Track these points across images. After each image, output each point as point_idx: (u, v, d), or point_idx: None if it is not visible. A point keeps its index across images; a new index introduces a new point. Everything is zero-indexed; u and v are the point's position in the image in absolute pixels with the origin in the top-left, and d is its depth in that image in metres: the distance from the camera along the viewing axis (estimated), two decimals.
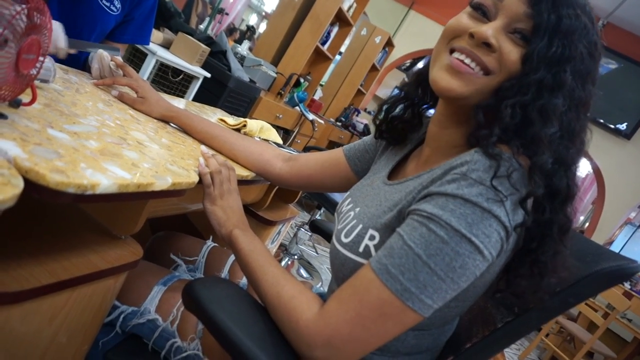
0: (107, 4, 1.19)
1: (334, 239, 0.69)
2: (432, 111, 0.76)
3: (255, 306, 0.64)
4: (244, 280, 0.97)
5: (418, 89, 0.76)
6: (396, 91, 6.78)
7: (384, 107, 0.81)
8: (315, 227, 1.27)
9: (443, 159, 0.66)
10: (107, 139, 0.68)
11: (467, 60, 0.59)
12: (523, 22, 0.58)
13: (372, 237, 0.62)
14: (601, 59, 0.61)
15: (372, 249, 0.61)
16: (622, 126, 5.26)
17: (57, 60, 0.88)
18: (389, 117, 0.80)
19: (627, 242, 6.52)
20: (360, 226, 0.65)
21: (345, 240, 0.65)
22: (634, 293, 4.41)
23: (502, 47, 0.58)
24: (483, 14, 0.61)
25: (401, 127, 0.79)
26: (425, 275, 0.52)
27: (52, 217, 0.71)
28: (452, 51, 0.61)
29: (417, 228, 0.54)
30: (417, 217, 0.55)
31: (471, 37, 0.59)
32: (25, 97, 0.59)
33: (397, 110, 0.79)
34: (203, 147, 0.88)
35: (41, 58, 0.56)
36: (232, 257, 1.02)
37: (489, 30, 0.58)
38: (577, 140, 0.60)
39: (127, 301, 0.79)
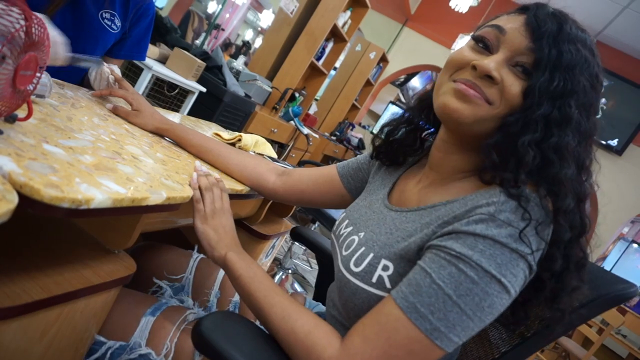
0: (109, 23, 1.21)
1: (341, 266, 0.67)
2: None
3: (268, 341, 0.62)
4: (235, 299, 0.95)
5: (421, 114, 0.77)
6: (391, 106, 6.84)
7: (386, 129, 0.81)
8: (297, 235, 1.23)
9: (450, 183, 0.67)
10: (102, 153, 0.69)
11: (471, 92, 0.60)
12: (525, 56, 0.59)
13: (385, 268, 0.61)
14: (602, 89, 0.62)
15: (387, 280, 0.61)
16: (614, 142, 5.33)
17: (56, 75, 0.89)
18: (390, 139, 0.80)
19: (620, 257, 6.55)
20: (372, 255, 0.64)
21: (356, 270, 0.64)
22: (628, 309, 4.42)
23: (504, 79, 0.59)
24: (485, 47, 0.62)
25: (402, 150, 0.80)
26: (455, 315, 0.52)
27: (45, 231, 0.70)
28: (454, 82, 0.62)
29: (445, 267, 0.54)
30: (445, 255, 0.55)
31: (474, 69, 0.60)
32: (21, 113, 0.59)
33: (399, 133, 0.80)
34: (197, 163, 0.87)
35: (38, 74, 0.56)
36: (222, 273, 0.99)
37: (491, 63, 0.59)
38: (586, 174, 0.60)
39: (113, 336, 0.74)
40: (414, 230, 0.62)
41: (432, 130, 0.79)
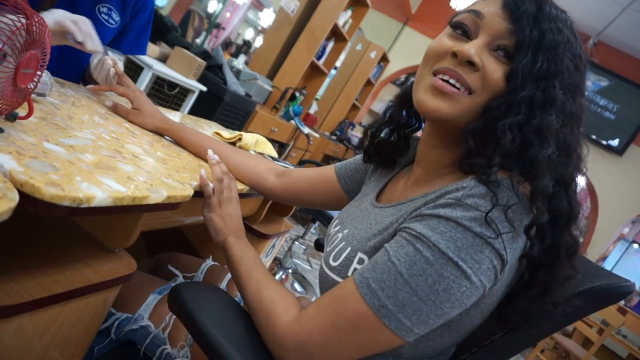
0: (106, 18, 1.20)
1: (322, 262, 0.68)
2: (420, 132, 0.75)
3: (238, 311, 0.65)
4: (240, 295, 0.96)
5: (402, 111, 0.76)
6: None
7: (369, 132, 0.81)
8: (321, 246, 1.27)
9: (434, 179, 0.66)
10: (102, 152, 0.69)
11: (452, 81, 0.58)
12: (505, 39, 0.58)
13: (361, 261, 0.61)
14: (587, 71, 0.61)
15: None
16: (614, 142, 5.33)
17: (56, 73, 0.89)
18: (375, 141, 0.80)
19: (620, 257, 6.55)
20: (349, 249, 0.64)
21: (333, 264, 0.64)
22: (628, 309, 4.42)
23: (485, 65, 0.57)
24: (464, 33, 0.61)
25: (388, 150, 0.79)
26: (404, 294, 0.51)
27: (46, 230, 0.71)
28: (435, 74, 0.60)
29: (404, 246, 0.54)
30: (406, 235, 0.54)
31: (454, 57, 0.59)
32: (21, 111, 0.59)
33: (383, 134, 0.79)
34: (210, 152, 0.89)
35: (39, 72, 0.56)
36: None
37: (471, 48, 0.57)
38: (573, 156, 0.59)
39: (123, 309, 0.80)
40: (390, 223, 0.62)
41: (416, 126, 0.78)
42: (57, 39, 0.92)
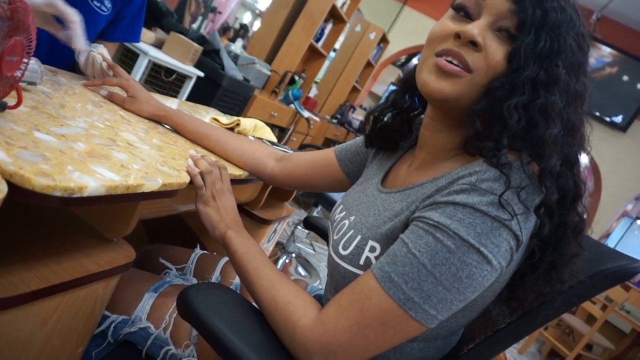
0: (98, 5, 1.18)
1: (331, 251, 0.67)
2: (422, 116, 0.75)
3: (251, 311, 0.63)
4: (236, 281, 0.96)
5: (405, 95, 0.75)
6: (392, 87, 6.78)
7: (372, 117, 0.80)
8: (310, 224, 1.25)
9: (440, 163, 0.65)
10: (95, 140, 0.68)
11: (455, 62, 0.58)
12: (508, 19, 0.57)
13: (372, 249, 0.61)
14: (590, 50, 0.60)
15: (374, 261, 0.60)
16: (618, 119, 5.28)
17: (47, 61, 0.87)
18: (378, 126, 0.79)
19: (624, 234, 6.55)
20: (359, 237, 0.63)
21: (344, 253, 0.64)
22: (631, 285, 4.43)
23: (487, 45, 0.57)
24: (466, 14, 0.60)
25: (391, 135, 0.78)
26: (429, 285, 0.51)
27: (42, 220, 0.70)
28: (438, 55, 0.60)
29: (422, 236, 0.53)
30: (423, 225, 0.54)
31: (457, 38, 0.58)
32: (10, 100, 0.58)
33: (386, 118, 0.78)
34: (192, 151, 0.86)
35: (25, 60, 0.55)
36: (223, 261, 1.00)
37: (474, 29, 0.57)
38: (577, 136, 0.59)
39: (118, 310, 0.77)
40: (400, 209, 0.62)
41: (419, 110, 0.77)
42: (42, 21, 0.87)
